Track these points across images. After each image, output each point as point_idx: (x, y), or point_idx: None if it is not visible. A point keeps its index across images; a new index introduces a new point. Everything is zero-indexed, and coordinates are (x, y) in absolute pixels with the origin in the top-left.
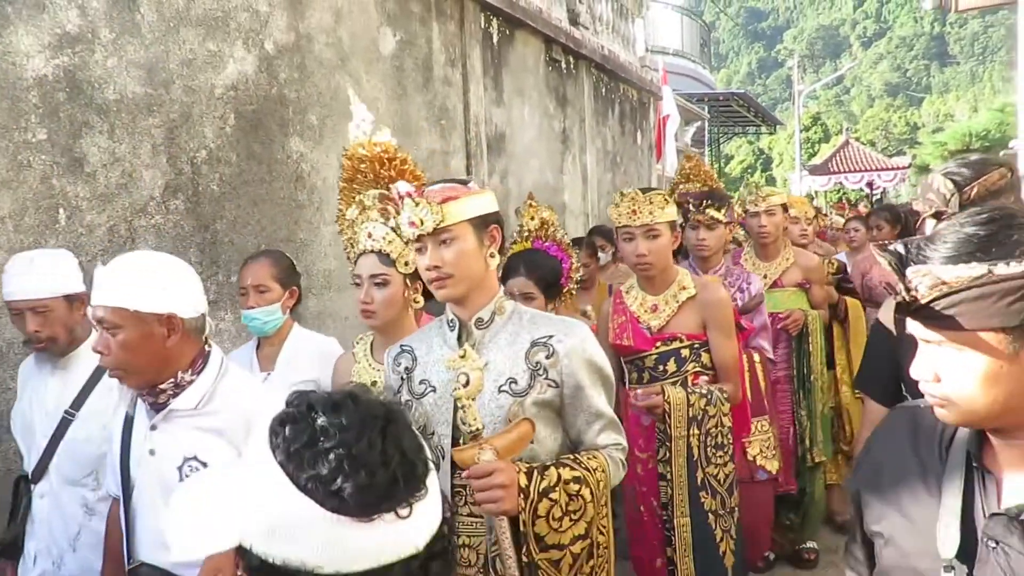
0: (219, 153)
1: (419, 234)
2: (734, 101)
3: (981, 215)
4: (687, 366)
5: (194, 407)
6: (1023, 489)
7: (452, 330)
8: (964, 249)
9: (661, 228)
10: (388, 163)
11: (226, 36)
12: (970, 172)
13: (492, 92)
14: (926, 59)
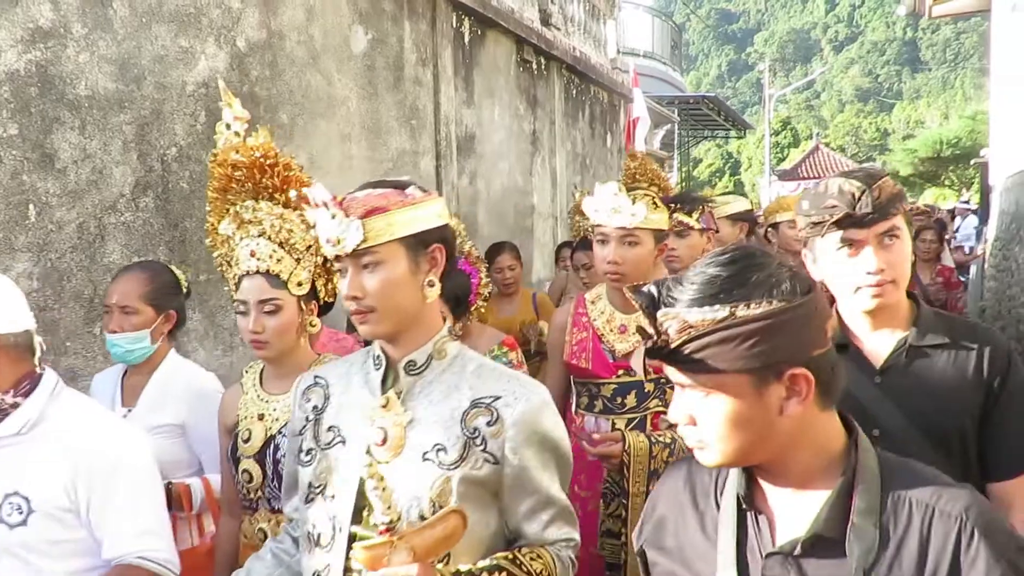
0: (189, 151)
1: (337, 254)
2: (704, 104)
3: (724, 255)
4: (649, 402)
5: (16, 432)
6: (794, 526)
7: (377, 369)
8: (708, 291)
9: (642, 235)
10: (269, 169)
11: (198, 33)
12: (868, 175)
13: (463, 92)
14: (898, 64)
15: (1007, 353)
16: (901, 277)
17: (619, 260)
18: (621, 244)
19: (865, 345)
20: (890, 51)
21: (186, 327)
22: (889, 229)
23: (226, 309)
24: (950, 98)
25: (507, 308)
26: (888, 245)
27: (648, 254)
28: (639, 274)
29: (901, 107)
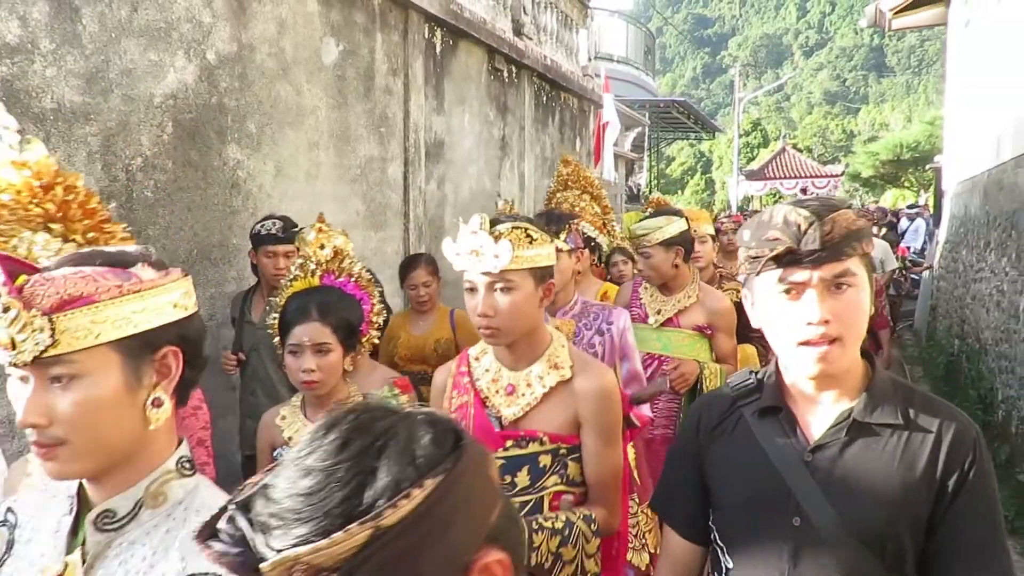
0: (155, 160)
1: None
2: (674, 108)
3: (328, 437)
4: (546, 480)
5: None
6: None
7: (69, 513)
8: (323, 506)
9: (516, 278)
10: (44, 193)
11: (168, 46)
12: (823, 204)
13: (433, 100)
14: (864, 69)
15: (972, 442)
16: (851, 334)
17: (490, 312)
18: (491, 292)
19: (800, 411)
20: (857, 57)
21: None
22: (841, 273)
23: None
24: (913, 102)
25: (421, 325)
26: (838, 293)
27: (527, 299)
28: (521, 325)
29: (867, 110)
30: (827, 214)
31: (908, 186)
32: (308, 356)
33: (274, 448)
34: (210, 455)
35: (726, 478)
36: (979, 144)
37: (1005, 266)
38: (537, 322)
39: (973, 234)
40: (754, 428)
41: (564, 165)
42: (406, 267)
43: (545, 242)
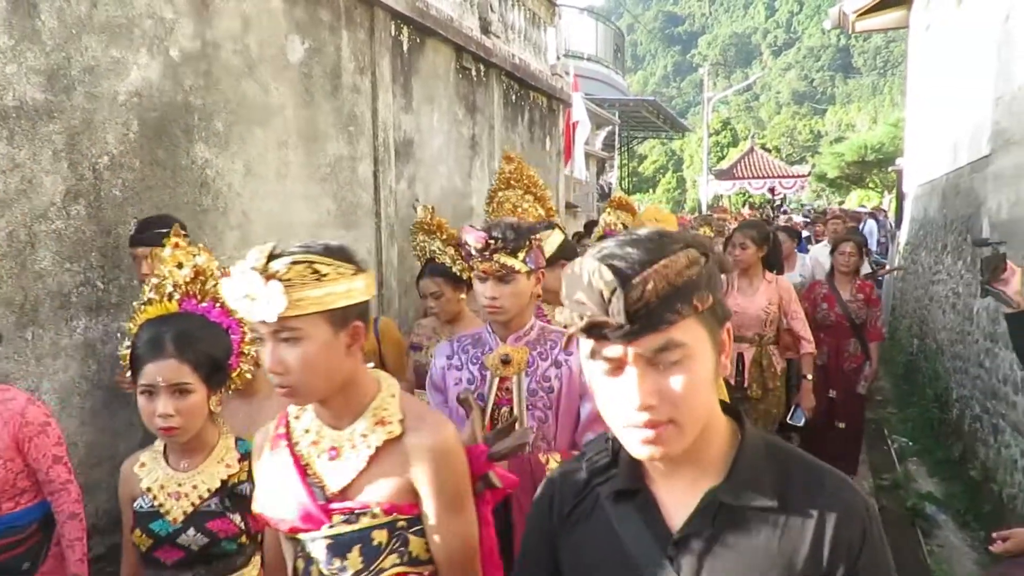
0: (122, 159)
1: None
2: (644, 107)
3: None
4: (383, 560)
5: None
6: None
7: None
8: None
9: (304, 326)
10: None
11: (130, 43)
12: (641, 254)
13: (401, 99)
14: (831, 70)
15: (862, 522)
16: (686, 415)
17: (278, 368)
18: (277, 344)
19: (660, 492)
20: (825, 57)
21: (122, 329)
22: (663, 346)
23: None
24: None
25: None
26: (666, 370)
27: (323, 349)
28: (321, 380)
29: (834, 111)
30: (638, 273)
31: (872, 187)
32: (164, 398)
33: (133, 499)
34: (70, 472)
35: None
36: (938, 148)
37: (960, 269)
38: (350, 373)
39: (931, 237)
40: (611, 514)
41: (507, 162)
42: None
43: (342, 276)
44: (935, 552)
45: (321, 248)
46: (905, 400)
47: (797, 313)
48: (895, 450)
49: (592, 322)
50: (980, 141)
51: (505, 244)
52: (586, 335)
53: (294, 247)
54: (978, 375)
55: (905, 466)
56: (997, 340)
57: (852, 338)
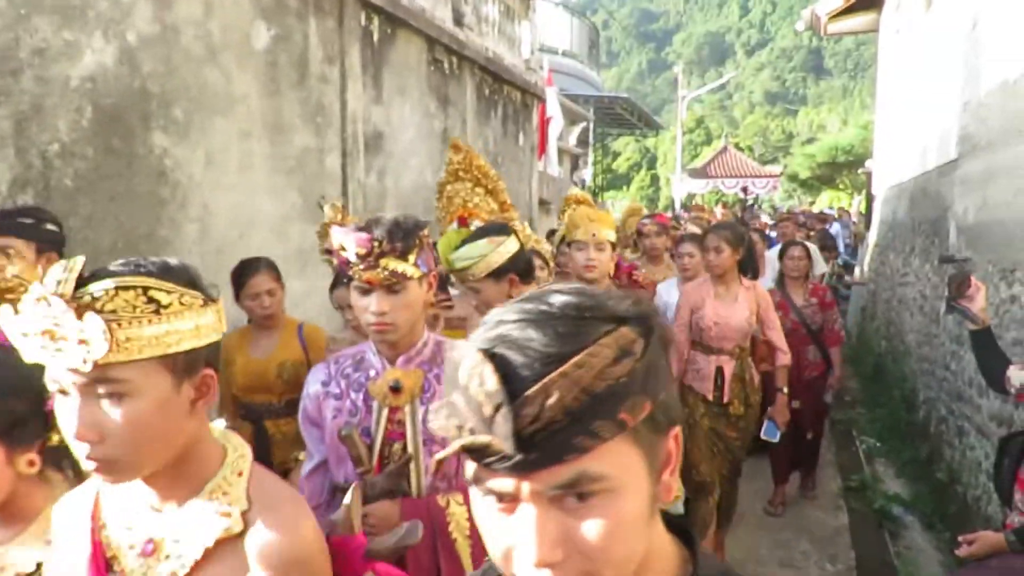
0: (73, 147)
1: None
2: (618, 104)
3: None
4: None
5: None
6: None
7: None
8: None
9: (133, 378)
10: None
11: (84, 26)
12: (547, 341)
13: (371, 90)
14: (803, 71)
15: None
16: (606, 571)
17: (93, 436)
18: (91, 400)
19: None
20: (797, 58)
21: None
22: (573, 481)
23: None
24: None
25: (263, 345)
26: (576, 511)
27: (158, 407)
28: (149, 451)
29: (805, 112)
30: (539, 377)
31: (843, 188)
32: None
33: None
34: None
35: None
36: (907, 151)
37: (928, 272)
38: (191, 439)
39: (900, 239)
40: None
41: (454, 151)
42: (241, 273)
43: (187, 308)
44: (902, 554)
45: (157, 267)
46: (873, 401)
47: (774, 322)
48: (863, 451)
49: (470, 445)
50: (948, 145)
51: (393, 246)
52: (470, 457)
53: (117, 265)
54: (944, 377)
55: (873, 467)
56: (963, 343)
57: (811, 345)
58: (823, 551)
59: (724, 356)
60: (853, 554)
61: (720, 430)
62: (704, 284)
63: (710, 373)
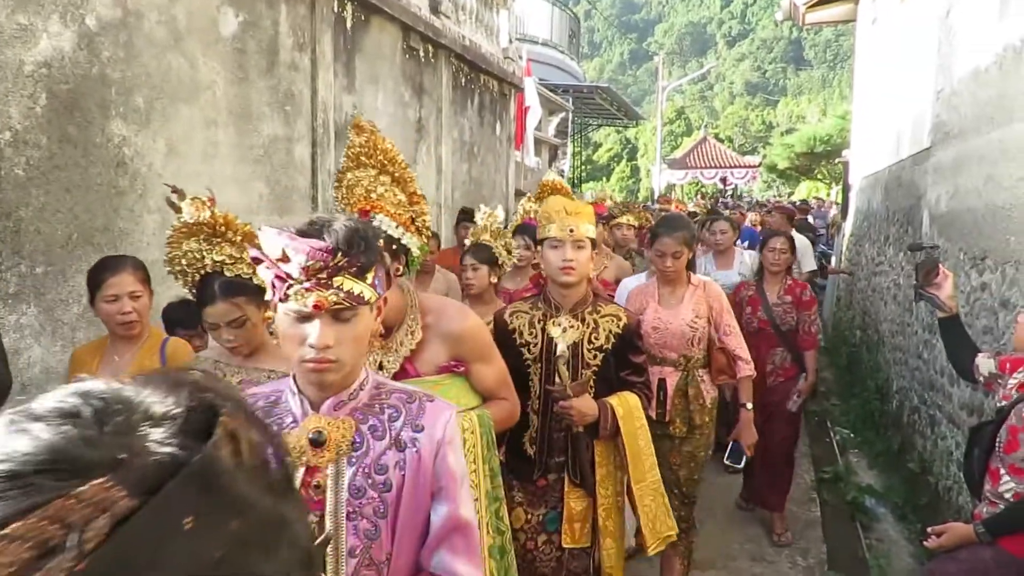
0: (27, 135)
1: None
2: (597, 94)
3: None
4: None
5: None
6: None
7: None
8: None
9: None
10: None
11: (39, 9)
12: None
13: (343, 78)
14: (783, 62)
15: None
16: None
17: None
18: None
19: None
20: (777, 49)
21: (19, 322)
22: None
23: (66, 302)
24: (828, 96)
25: (118, 361)
26: None
27: None
28: None
29: (785, 102)
30: None
31: (821, 178)
32: None
33: None
34: None
35: None
36: (882, 141)
37: (902, 261)
38: None
39: (875, 228)
40: None
41: (356, 133)
42: (100, 271)
43: None
44: (873, 546)
45: None
46: (848, 392)
47: (731, 327)
48: (837, 442)
49: None
50: (921, 134)
51: (352, 260)
52: None
53: None
54: (917, 366)
55: (846, 458)
56: (935, 332)
57: (778, 347)
58: (795, 545)
59: (667, 367)
60: (825, 547)
61: (661, 455)
62: (650, 286)
63: (652, 387)
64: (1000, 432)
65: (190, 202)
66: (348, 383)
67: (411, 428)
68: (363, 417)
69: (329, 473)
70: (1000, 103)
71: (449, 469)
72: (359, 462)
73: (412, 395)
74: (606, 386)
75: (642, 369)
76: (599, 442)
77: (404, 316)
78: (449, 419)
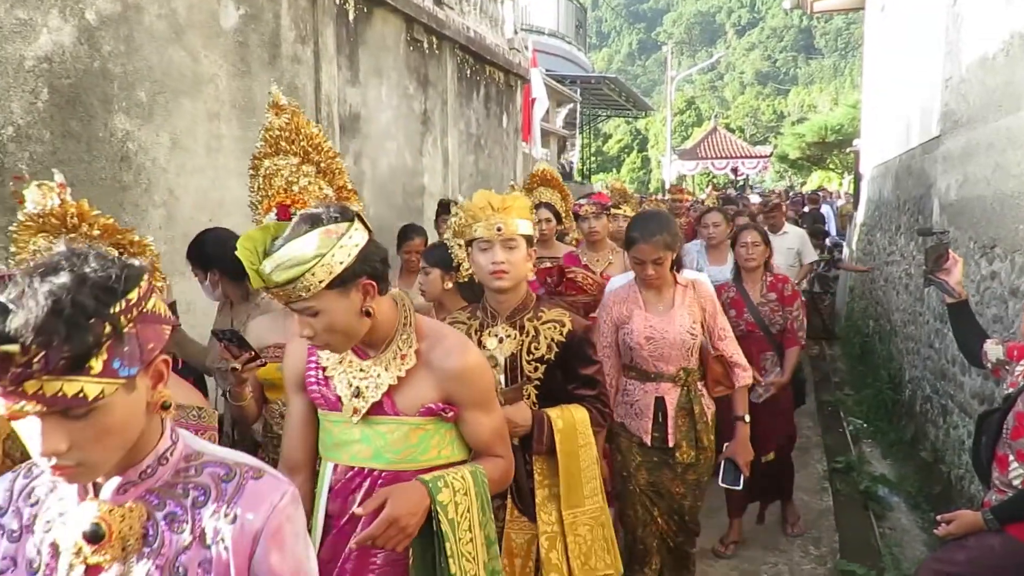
0: (29, 130)
1: None
2: (605, 85)
3: None
4: None
5: None
6: None
7: None
8: None
9: None
10: None
11: (39, 4)
12: None
13: (347, 71)
14: (794, 50)
15: None
16: None
17: None
18: None
19: None
20: (787, 37)
21: None
22: None
23: None
24: (840, 84)
25: None
26: None
27: None
28: None
29: (796, 91)
30: None
31: (833, 168)
32: None
33: None
34: None
35: None
36: (892, 129)
37: (913, 250)
38: None
39: (886, 218)
40: None
41: (275, 113)
42: None
43: None
44: (886, 535)
45: None
46: (860, 381)
47: (725, 330)
48: (850, 432)
49: None
50: (931, 122)
51: (48, 356)
52: None
53: None
54: (929, 356)
55: (859, 448)
56: (946, 320)
57: (770, 351)
58: (807, 534)
59: (665, 383)
60: (837, 536)
61: (662, 485)
62: (630, 290)
63: (648, 407)
64: (1007, 419)
65: (36, 187)
66: (136, 459)
67: (222, 516)
68: (159, 502)
69: (112, 573)
70: (1008, 91)
71: (271, 573)
72: (152, 557)
73: (232, 470)
74: (551, 402)
75: (595, 382)
76: (539, 459)
77: (394, 333)
78: (278, 503)
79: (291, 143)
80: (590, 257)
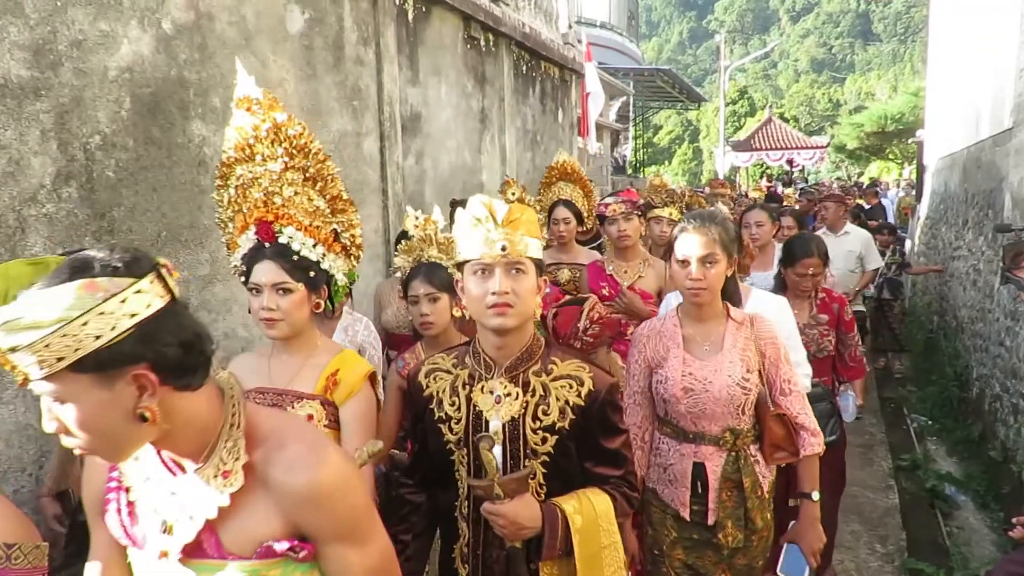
0: (114, 138)
1: None
2: (658, 77)
3: None
4: None
5: None
6: None
7: None
8: None
9: None
10: None
11: (119, 16)
12: None
13: (407, 71)
14: (851, 36)
15: None
16: None
17: None
18: None
19: None
20: (844, 23)
21: None
22: None
23: None
24: (899, 71)
25: None
26: None
27: None
28: None
29: (853, 79)
30: None
31: (892, 158)
32: None
33: None
34: None
35: None
36: (959, 120)
37: (981, 245)
38: None
39: (952, 212)
40: None
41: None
42: None
43: None
44: (954, 533)
45: None
46: (924, 378)
47: (790, 383)
48: (914, 430)
49: None
50: (1002, 114)
51: None
52: None
53: None
54: (998, 354)
55: (924, 446)
56: (1018, 318)
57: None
58: (873, 531)
59: (706, 446)
60: (904, 534)
61: (704, 569)
62: (667, 323)
63: (684, 473)
64: None
65: None
66: None
67: None
68: None
69: None
70: None
71: None
72: None
73: None
74: (562, 483)
75: (621, 458)
76: (549, 564)
77: (216, 440)
78: None
79: (270, 145)
80: (617, 267)
